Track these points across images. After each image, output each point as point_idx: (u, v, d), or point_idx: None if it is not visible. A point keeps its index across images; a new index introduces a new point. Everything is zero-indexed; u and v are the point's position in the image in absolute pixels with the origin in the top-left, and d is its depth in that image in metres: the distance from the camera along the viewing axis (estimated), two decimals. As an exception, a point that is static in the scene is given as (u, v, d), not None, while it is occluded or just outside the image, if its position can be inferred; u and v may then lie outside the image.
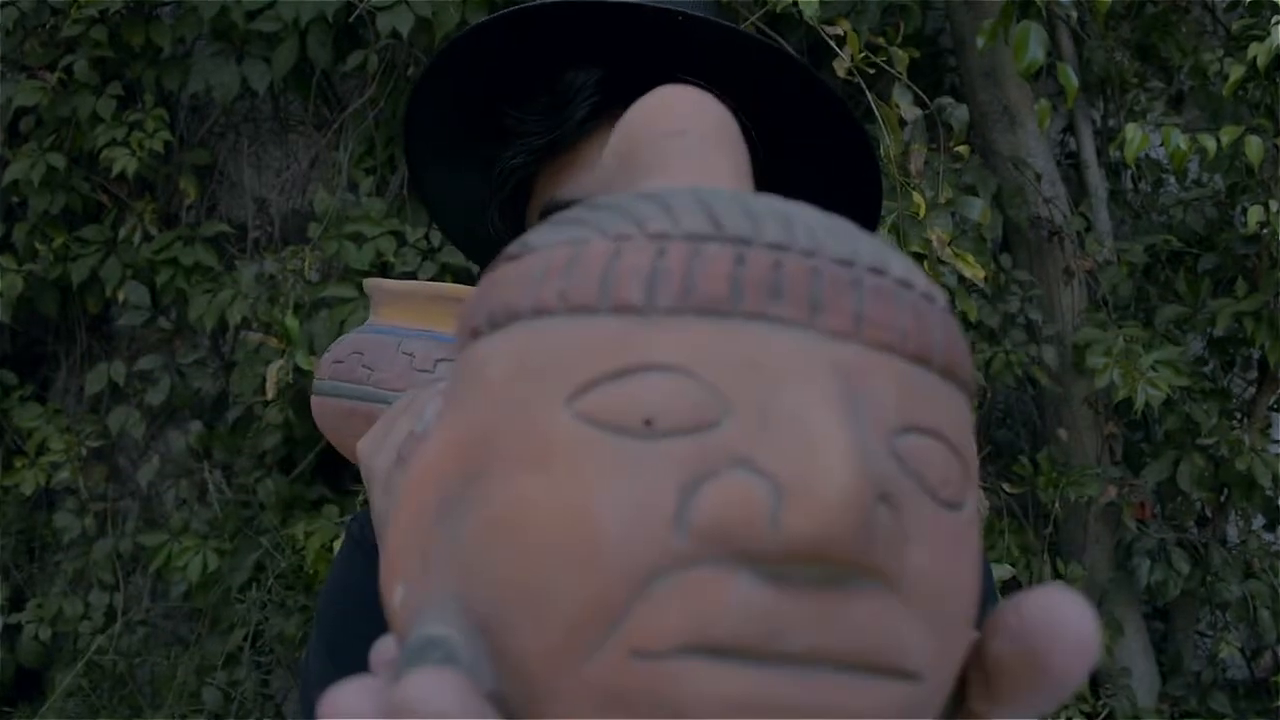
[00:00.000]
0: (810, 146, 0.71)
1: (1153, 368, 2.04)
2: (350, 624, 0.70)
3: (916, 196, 1.82)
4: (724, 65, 0.64)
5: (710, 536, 0.19)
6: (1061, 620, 0.22)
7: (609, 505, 0.19)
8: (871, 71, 1.87)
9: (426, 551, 0.22)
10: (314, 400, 0.54)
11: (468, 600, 0.21)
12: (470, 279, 2.32)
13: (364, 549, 0.72)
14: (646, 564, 0.19)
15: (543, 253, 0.22)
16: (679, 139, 0.26)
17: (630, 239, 0.22)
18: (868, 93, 1.84)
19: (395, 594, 0.23)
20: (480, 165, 0.70)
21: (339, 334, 1.87)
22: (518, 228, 0.69)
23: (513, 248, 0.24)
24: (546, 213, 0.65)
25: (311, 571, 2.23)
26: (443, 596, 0.21)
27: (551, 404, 0.21)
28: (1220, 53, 2.20)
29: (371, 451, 0.46)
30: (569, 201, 0.63)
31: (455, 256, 2.19)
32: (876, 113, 1.86)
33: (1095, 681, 2.22)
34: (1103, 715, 2.15)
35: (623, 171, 0.27)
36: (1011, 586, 2.15)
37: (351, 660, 0.74)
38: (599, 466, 0.20)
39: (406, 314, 0.53)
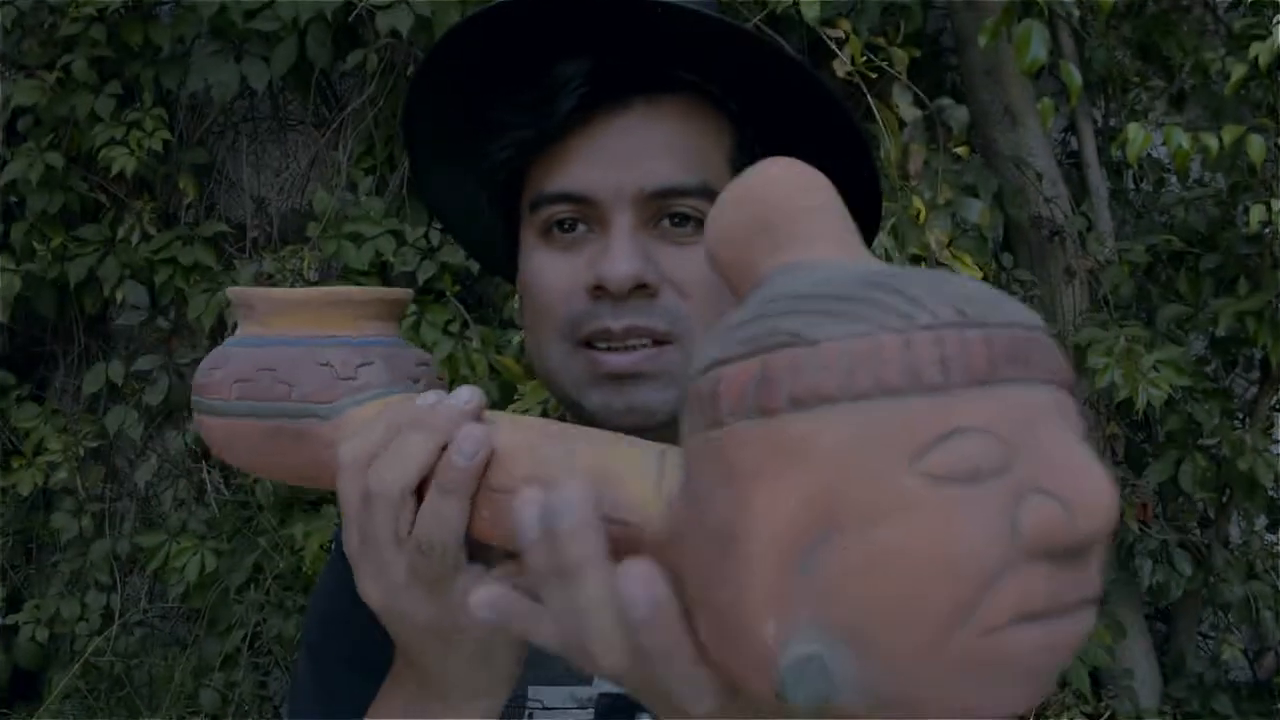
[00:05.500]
0: (805, 141, 0.70)
1: (1154, 368, 2.04)
2: (331, 631, 0.70)
3: (916, 199, 1.81)
4: (715, 59, 0.64)
5: (1034, 545, 0.27)
6: None
7: (964, 535, 0.27)
8: (874, 76, 1.87)
9: (790, 593, 0.29)
10: (218, 423, 0.51)
11: (831, 620, 0.28)
12: (470, 277, 2.31)
13: (347, 559, 0.71)
14: (993, 571, 0.27)
15: (836, 345, 0.29)
16: (817, 214, 0.33)
17: (910, 332, 0.29)
18: (867, 94, 1.83)
19: (767, 626, 0.29)
20: (475, 159, 0.70)
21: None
22: (510, 221, 0.69)
23: (779, 335, 0.30)
24: (536, 205, 0.64)
25: (310, 572, 2.23)
26: (805, 624, 0.28)
27: (898, 467, 0.28)
28: (1222, 52, 2.19)
29: (359, 465, 0.45)
30: (559, 194, 0.63)
31: (454, 256, 2.19)
32: (876, 114, 1.86)
33: (1097, 683, 2.21)
34: (1105, 717, 2.14)
35: (764, 239, 0.33)
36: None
37: (334, 664, 0.72)
38: (951, 510, 0.27)
39: (301, 322, 0.51)
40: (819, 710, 0.28)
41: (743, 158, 0.67)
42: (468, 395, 0.45)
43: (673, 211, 0.62)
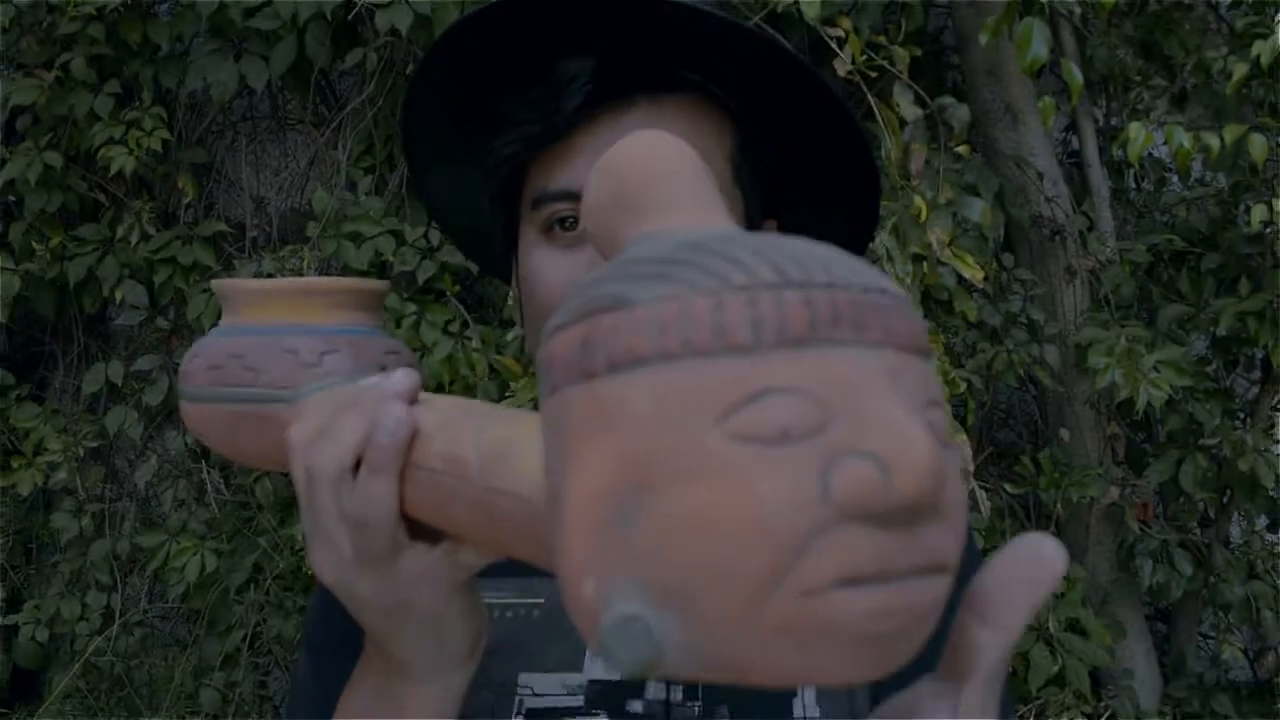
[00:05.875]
0: (806, 139, 0.70)
1: (1155, 368, 2.04)
2: (335, 626, 0.70)
3: (917, 199, 1.81)
4: (717, 58, 0.64)
5: (845, 506, 0.27)
6: (1041, 541, 0.32)
7: (771, 496, 0.27)
8: (874, 75, 1.86)
9: (606, 551, 0.29)
10: (192, 409, 0.53)
11: (651, 582, 0.28)
12: (470, 277, 2.31)
13: None
14: (804, 533, 0.27)
15: (648, 307, 0.29)
16: (672, 181, 0.32)
17: (724, 293, 0.28)
18: (868, 93, 1.83)
19: (586, 585, 0.29)
20: (475, 156, 0.69)
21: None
22: (510, 218, 0.69)
23: (604, 300, 0.30)
24: (538, 202, 0.64)
25: (309, 573, 2.22)
26: (625, 582, 0.28)
27: (704, 428, 0.27)
28: (1224, 51, 2.19)
29: (307, 445, 0.47)
30: (562, 191, 0.63)
31: (454, 256, 2.18)
32: (876, 113, 1.85)
33: (1098, 683, 2.22)
34: (1105, 717, 2.14)
35: (623, 209, 0.33)
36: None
37: (335, 661, 0.72)
38: (758, 470, 0.27)
39: (274, 311, 0.53)
40: (643, 670, 0.28)
41: (744, 158, 0.68)
42: (400, 377, 0.46)
43: None
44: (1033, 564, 0.32)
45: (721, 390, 0.27)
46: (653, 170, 0.32)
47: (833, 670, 0.28)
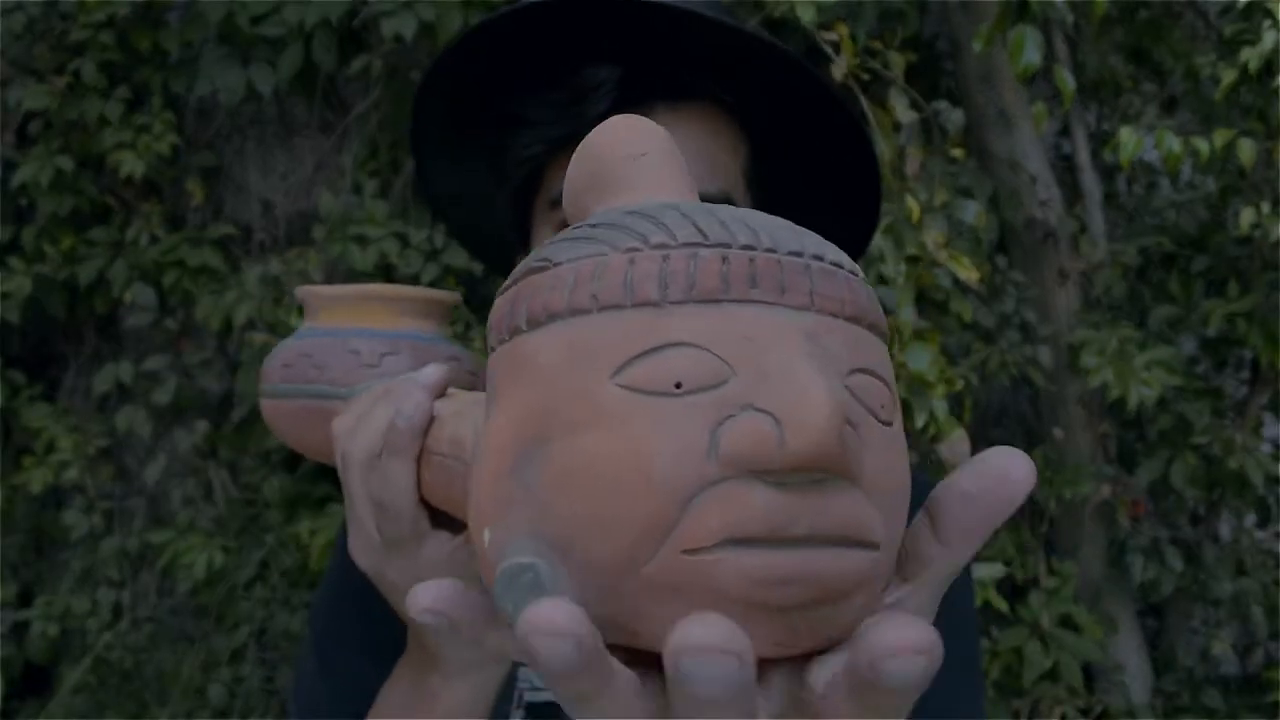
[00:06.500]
0: (815, 150, 0.72)
1: (1146, 368, 2.06)
2: (340, 621, 0.72)
3: (912, 201, 1.84)
4: (733, 68, 0.65)
5: (735, 461, 0.26)
6: (1011, 457, 0.29)
7: (657, 447, 0.26)
8: (867, 78, 1.89)
9: (505, 502, 0.28)
10: (266, 404, 0.57)
11: (543, 533, 0.27)
12: (472, 280, 2.34)
13: None
14: (690, 486, 0.26)
15: (569, 266, 0.29)
16: (640, 160, 0.32)
17: (640, 250, 0.28)
18: (861, 98, 1.86)
19: (484, 535, 0.29)
20: (488, 154, 0.70)
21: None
22: (525, 217, 0.70)
23: (535, 262, 0.30)
24: (556, 203, 0.65)
25: (315, 569, 2.26)
26: (521, 533, 0.28)
27: (599, 379, 0.27)
28: (1213, 57, 2.22)
29: (347, 433, 0.50)
30: None
31: (458, 258, 2.21)
32: (871, 117, 1.88)
33: (1090, 677, 2.24)
34: (1097, 711, 2.17)
35: (593, 189, 0.33)
36: (1006, 584, 2.18)
37: (340, 656, 0.75)
38: (645, 421, 0.26)
39: (344, 315, 0.57)
40: None
41: (756, 169, 0.69)
42: (430, 371, 0.47)
43: None
44: (996, 481, 0.29)
45: (623, 343, 0.27)
46: (620, 152, 0.32)
47: None
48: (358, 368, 0.54)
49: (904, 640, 0.24)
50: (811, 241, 0.29)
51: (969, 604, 0.70)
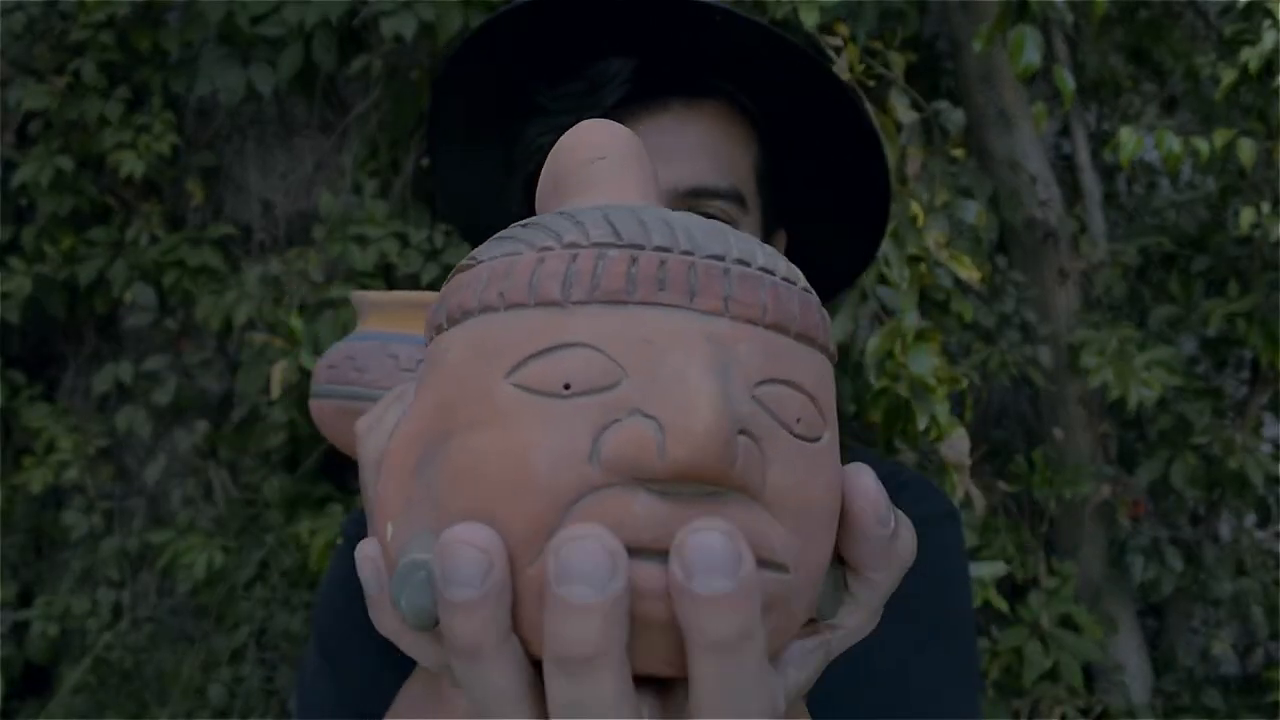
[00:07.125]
0: (827, 152, 0.72)
1: (1146, 368, 2.06)
2: (344, 620, 0.71)
3: (913, 202, 1.84)
4: (747, 65, 0.66)
5: (615, 466, 0.25)
6: (856, 474, 0.29)
7: (541, 449, 0.25)
8: (871, 84, 1.89)
9: (407, 498, 0.28)
10: (313, 404, 0.59)
11: (439, 530, 0.26)
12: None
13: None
14: (571, 490, 0.25)
15: (487, 264, 0.29)
16: (598, 164, 0.32)
17: (551, 249, 0.28)
18: (864, 98, 1.86)
19: (386, 531, 0.29)
20: (502, 145, 0.71)
21: (343, 334, 1.89)
22: (535, 208, 0.70)
23: (464, 261, 0.30)
24: None
25: (315, 569, 2.26)
26: (421, 530, 0.27)
27: (495, 378, 0.27)
28: (1213, 57, 2.22)
29: (366, 432, 0.51)
30: None
31: (458, 257, 2.21)
32: (872, 118, 1.88)
33: (1090, 678, 2.25)
34: (1097, 711, 2.17)
35: (555, 193, 0.33)
36: (1006, 583, 2.18)
37: (344, 654, 0.75)
38: (531, 421, 0.26)
39: (388, 321, 0.59)
40: (426, 621, 0.27)
41: (766, 167, 0.69)
42: None
43: (702, 212, 0.63)
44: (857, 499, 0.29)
45: (522, 342, 0.27)
46: (580, 155, 0.32)
47: None
48: (395, 371, 0.56)
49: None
50: (740, 245, 0.28)
51: (967, 604, 0.70)
